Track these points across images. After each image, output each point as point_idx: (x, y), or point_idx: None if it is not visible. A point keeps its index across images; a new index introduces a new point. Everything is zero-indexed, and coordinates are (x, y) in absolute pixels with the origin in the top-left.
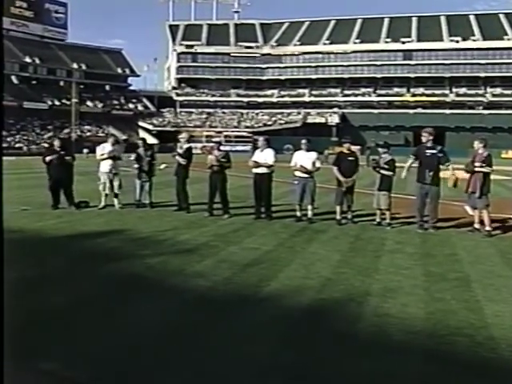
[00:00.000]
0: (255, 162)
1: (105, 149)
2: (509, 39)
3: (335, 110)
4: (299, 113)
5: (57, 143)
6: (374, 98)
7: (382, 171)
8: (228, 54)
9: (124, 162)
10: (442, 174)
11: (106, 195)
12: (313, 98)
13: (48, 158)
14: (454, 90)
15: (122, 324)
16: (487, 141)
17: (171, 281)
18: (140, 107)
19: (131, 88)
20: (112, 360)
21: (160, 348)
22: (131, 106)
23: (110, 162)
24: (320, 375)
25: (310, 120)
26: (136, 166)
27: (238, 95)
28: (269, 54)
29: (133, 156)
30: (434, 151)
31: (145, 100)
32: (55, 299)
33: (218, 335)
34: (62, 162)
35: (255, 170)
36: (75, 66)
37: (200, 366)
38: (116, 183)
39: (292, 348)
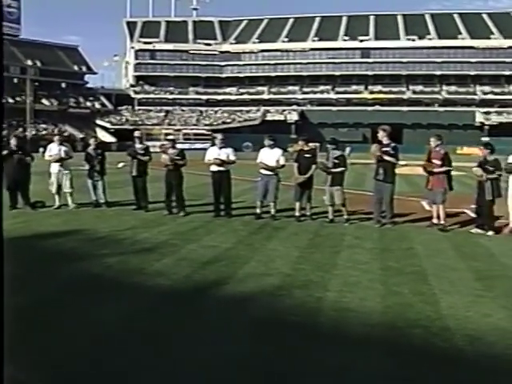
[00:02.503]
0: (220, 160)
1: (51, 150)
2: (463, 38)
3: (294, 107)
4: (258, 110)
5: (13, 142)
6: (332, 96)
7: (333, 170)
8: (187, 51)
9: (75, 160)
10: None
11: (59, 195)
12: (272, 96)
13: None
14: (411, 87)
15: (82, 325)
16: (442, 137)
17: (131, 280)
18: (97, 105)
19: (88, 85)
20: (74, 363)
21: (124, 349)
22: (88, 103)
23: (58, 162)
24: (288, 372)
25: (269, 117)
26: (87, 166)
27: (197, 93)
28: (227, 52)
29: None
30: (387, 149)
31: (102, 98)
32: (12, 301)
33: (181, 334)
34: (19, 162)
35: (213, 168)
36: (29, 62)
37: (167, 366)
38: (66, 182)
39: (255, 345)
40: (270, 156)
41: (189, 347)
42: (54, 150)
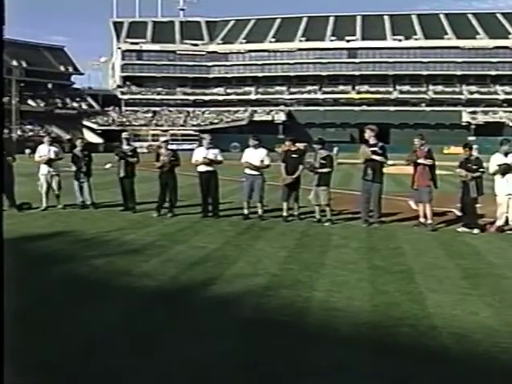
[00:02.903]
0: (208, 159)
1: (41, 151)
2: (449, 38)
3: (281, 107)
4: (246, 111)
5: None
6: (319, 96)
7: (319, 170)
8: (174, 51)
9: (62, 161)
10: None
11: (47, 196)
12: (259, 96)
13: None
14: (398, 87)
15: (72, 327)
16: (424, 136)
17: (119, 282)
18: (84, 106)
19: (75, 86)
20: (67, 364)
21: (115, 349)
22: (75, 104)
23: (47, 163)
24: (275, 371)
25: (256, 118)
26: (73, 167)
27: (184, 93)
28: (215, 52)
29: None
30: (375, 148)
31: (89, 98)
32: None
33: (170, 335)
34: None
35: (201, 169)
36: (15, 63)
37: (159, 365)
38: (55, 184)
39: (244, 345)
40: (255, 156)
41: (178, 347)
42: (44, 150)
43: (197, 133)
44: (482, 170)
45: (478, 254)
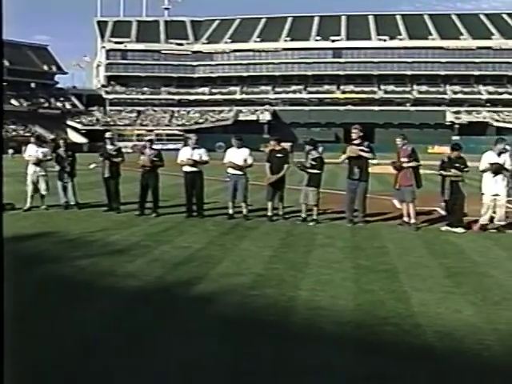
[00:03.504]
0: (193, 160)
1: (29, 150)
2: (433, 39)
3: (266, 107)
4: (231, 110)
5: None
6: (304, 96)
7: (309, 170)
8: (158, 51)
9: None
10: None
11: (32, 197)
12: (244, 96)
13: None
14: (382, 87)
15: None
16: (407, 136)
17: (104, 282)
18: (68, 105)
19: (58, 86)
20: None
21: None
22: (59, 104)
23: (35, 163)
24: (259, 371)
25: (241, 117)
26: (57, 167)
27: (169, 93)
28: (200, 52)
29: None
30: (361, 147)
31: (73, 98)
32: None
33: (154, 335)
34: None
35: (186, 169)
36: None
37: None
38: (42, 184)
39: (228, 346)
40: (238, 155)
41: (168, 348)
42: (32, 150)
43: (182, 132)
44: (466, 169)
45: (461, 253)
